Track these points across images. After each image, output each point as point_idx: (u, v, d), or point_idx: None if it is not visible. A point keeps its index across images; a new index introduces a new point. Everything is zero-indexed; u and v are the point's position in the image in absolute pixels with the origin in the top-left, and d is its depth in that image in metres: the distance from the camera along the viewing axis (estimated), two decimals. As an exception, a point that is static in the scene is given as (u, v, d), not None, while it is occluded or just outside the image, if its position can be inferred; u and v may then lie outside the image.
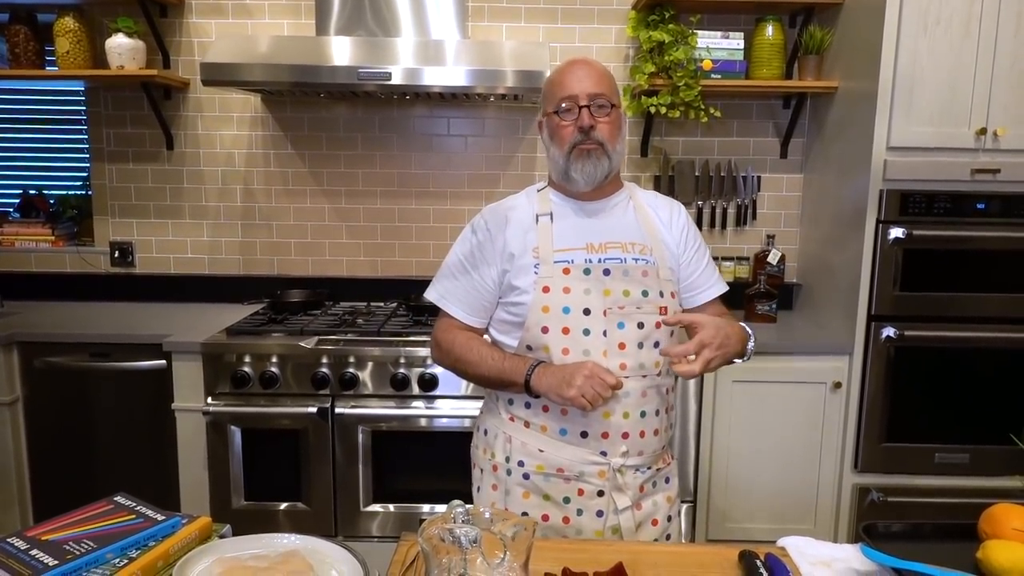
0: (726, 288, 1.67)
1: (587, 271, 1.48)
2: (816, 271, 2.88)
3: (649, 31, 2.64)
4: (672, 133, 2.99)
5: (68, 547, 1.04)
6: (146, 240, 3.06)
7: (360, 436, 2.45)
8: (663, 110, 2.68)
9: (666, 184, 2.99)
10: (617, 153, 1.53)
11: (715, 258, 2.94)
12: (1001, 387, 2.49)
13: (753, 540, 1.23)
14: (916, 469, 2.53)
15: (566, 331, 1.46)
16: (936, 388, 2.49)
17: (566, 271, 1.48)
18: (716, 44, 2.73)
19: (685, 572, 1.16)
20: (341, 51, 2.53)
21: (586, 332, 1.45)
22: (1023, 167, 2.38)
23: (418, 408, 2.44)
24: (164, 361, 2.45)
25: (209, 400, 2.42)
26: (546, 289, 1.47)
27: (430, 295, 1.62)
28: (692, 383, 2.51)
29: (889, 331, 2.46)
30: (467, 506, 0.92)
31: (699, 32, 2.70)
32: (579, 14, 2.91)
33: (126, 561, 1.04)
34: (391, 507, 2.49)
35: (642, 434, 1.48)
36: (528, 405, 1.50)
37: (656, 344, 1.49)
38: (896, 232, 2.41)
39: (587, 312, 1.46)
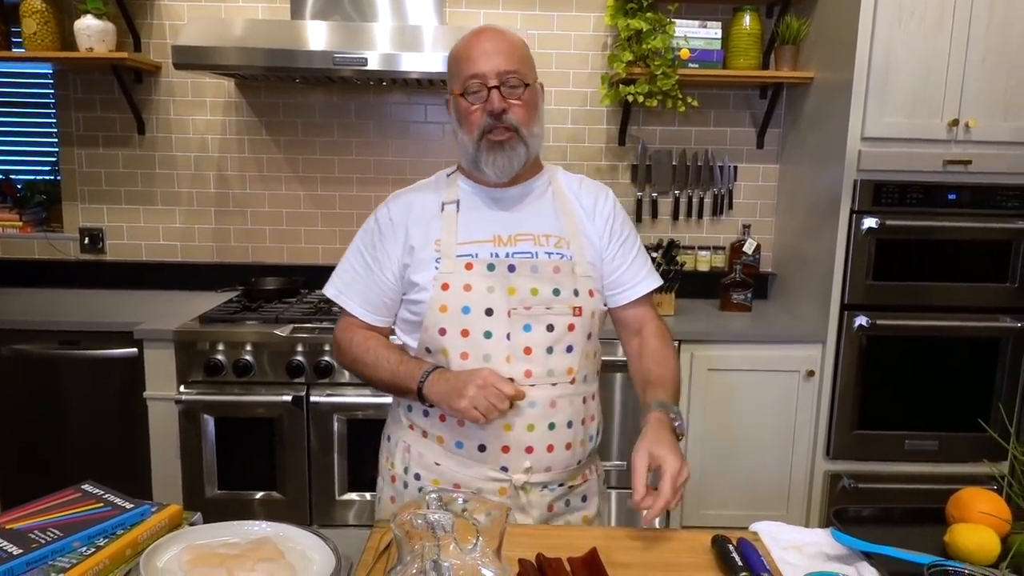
0: (658, 283, 1.50)
1: (491, 267, 1.33)
2: (791, 261, 2.91)
3: (627, 19, 2.64)
4: (649, 122, 2.99)
5: (34, 535, 1.02)
6: (117, 226, 3.01)
7: (335, 425, 2.43)
8: (640, 99, 2.68)
9: (643, 173, 2.99)
10: (535, 137, 1.37)
11: (689, 248, 3.03)
12: (969, 375, 2.53)
13: (727, 526, 1.23)
14: (887, 456, 2.57)
15: (465, 333, 1.32)
16: (906, 376, 2.53)
17: (468, 266, 1.33)
18: (694, 33, 2.73)
19: (658, 557, 1.17)
20: (317, 35, 2.49)
21: (487, 335, 1.31)
22: (994, 159, 2.41)
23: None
24: (135, 349, 2.42)
25: (182, 388, 2.39)
26: (445, 286, 1.33)
27: (328, 291, 1.47)
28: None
29: (861, 320, 2.49)
30: (440, 492, 0.92)
31: (677, 21, 2.70)
32: (557, 1, 2.90)
33: (93, 550, 1.02)
34: (367, 495, 2.48)
35: (550, 448, 1.33)
36: (426, 414, 1.38)
37: (569, 348, 1.34)
38: (869, 222, 2.44)
39: (489, 312, 1.31)
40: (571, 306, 1.34)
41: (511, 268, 1.34)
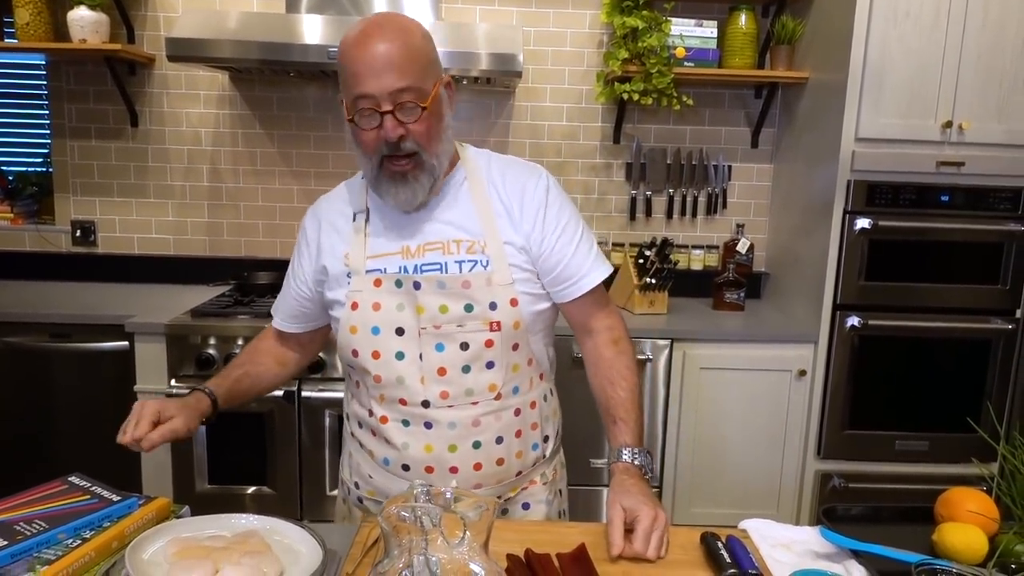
0: (604, 275, 1.34)
1: (399, 283, 1.24)
2: (784, 260, 2.91)
3: (623, 17, 2.64)
4: (644, 120, 2.99)
5: (19, 527, 1.02)
6: (109, 219, 2.99)
7: (326, 420, 2.43)
8: (636, 97, 2.68)
9: (637, 171, 2.99)
10: (440, 156, 1.24)
11: (683, 246, 3.03)
12: (960, 377, 2.54)
13: (717, 524, 1.23)
14: (877, 456, 2.58)
15: (376, 355, 1.25)
16: (898, 377, 2.54)
17: (377, 283, 1.25)
18: (690, 32, 2.73)
19: (647, 554, 1.17)
20: (312, 29, 2.48)
21: (399, 356, 1.25)
22: (986, 160, 2.42)
23: (386, 392, 2.42)
24: (127, 342, 2.41)
25: (173, 383, 2.38)
26: (355, 305, 1.26)
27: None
28: (660, 371, 2.53)
29: (853, 320, 2.49)
30: (428, 486, 0.91)
31: (673, 19, 2.70)
32: (554, -2, 2.90)
33: (79, 542, 1.02)
34: (358, 491, 2.48)
35: (477, 467, 1.28)
36: (360, 425, 1.34)
37: (490, 364, 1.26)
38: (862, 223, 2.44)
39: (400, 332, 1.24)
40: (487, 321, 1.24)
41: (416, 285, 1.24)
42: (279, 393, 2.37)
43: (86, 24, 2.60)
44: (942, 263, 2.48)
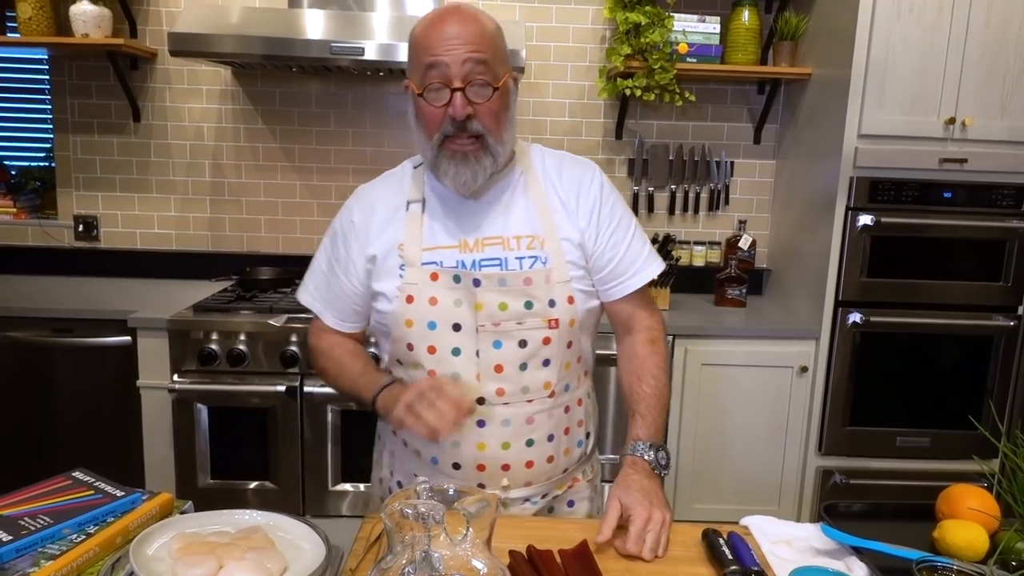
0: (654, 273, 1.34)
1: (457, 278, 1.22)
2: (786, 256, 2.91)
3: (626, 12, 2.63)
4: (647, 116, 2.99)
5: (23, 522, 1.02)
6: (111, 214, 3.00)
7: (329, 415, 2.43)
8: (638, 92, 2.68)
9: (640, 167, 2.99)
10: (504, 143, 1.22)
11: (685, 243, 3.02)
12: (962, 373, 2.54)
13: (719, 520, 1.24)
14: (878, 452, 2.58)
15: (432, 350, 1.24)
16: (899, 373, 2.54)
17: (434, 277, 1.22)
18: (692, 28, 2.72)
19: (649, 550, 1.17)
20: (314, 24, 2.48)
21: (456, 352, 1.23)
22: (989, 157, 2.42)
23: (388, 387, 2.42)
24: (129, 337, 2.41)
25: (175, 377, 2.39)
26: (410, 299, 1.23)
27: (301, 298, 1.41)
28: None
29: (855, 316, 2.49)
30: (431, 482, 0.92)
31: (676, 15, 2.69)
32: (556, -7, 2.89)
33: (83, 537, 1.02)
34: (360, 486, 2.48)
35: (529, 464, 1.28)
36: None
37: (546, 362, 1.25)
38: (865, 219, 2.44)
39: (457, 328, 1.22)
40: (546, 319, 1.24)
41: (476, 282, 1.22)
42: (281, 388, 2.38)
43: (88, 19, 2.60)
44: (944, 260, 2.48)
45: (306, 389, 2.40)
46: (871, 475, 2.59)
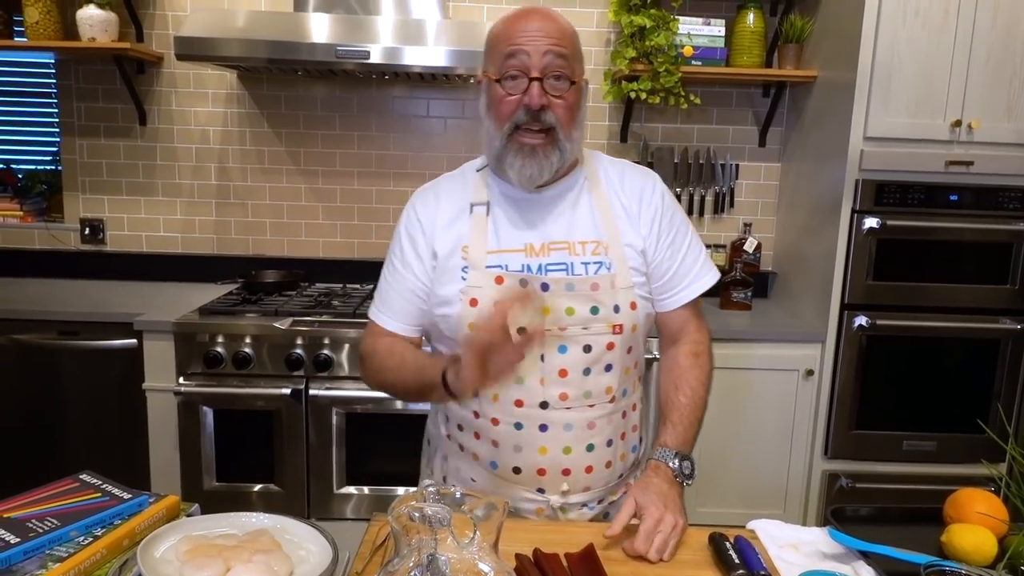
0: (707, 284, 1.37)
1: (523, 282, 1.22)
2: (792, 260, 2.90)
3: (631, 15, 2.63)
4: (652, 119, 2.99)
5: (31, 524, 1.02)
6: (117, 217, 3.01)
7: (334, 418, 2.43)
8: (643, 95, 2.68)
9: (645, 170, 2.99)
10: (572, 141, 1.23)
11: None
12: (968, 377, 2.53)
13: (724, 524, 1.23)
14: (885, 456, 2.57)
15: None
16: (905, 377, 2.53)
17: (499, 280, 1.22)
18: (697, 30, 2.72)
19: (655, 554, 1.17)
20: (320, 28, 2.49)
21: None
22: (996, 160, 2.41)
23: (393, 390, 2.42)
24: (135, 340, 2.42)
25: (181, 380, 2.39)
26: (474, 302, 1.22)
27: (371, 315, 1.37)
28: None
29: (861, 320, 2.48)
30: (438, 486, 0.91)
31: (681, 18, 2.69)
32: (561, -3, 2.89)
33: (91, 539, 1.02)
34: (365, 489, 2.48)
35: (588, 469, 1.28)
36: (461, 428, 1.31)
37: (608, 367, 1.26)
38: (871, 222, 2.44)
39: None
40: (611, 324, 1.24)
41: (544, 287, 1.22)
42: (287, 391, 2.38)
43: (95, 23, 2.61)
44: (950, 263, 2.47)
45: (311, 392, 2.40)
46: (877, 479, 2.58)
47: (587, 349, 1.24)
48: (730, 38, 2.78)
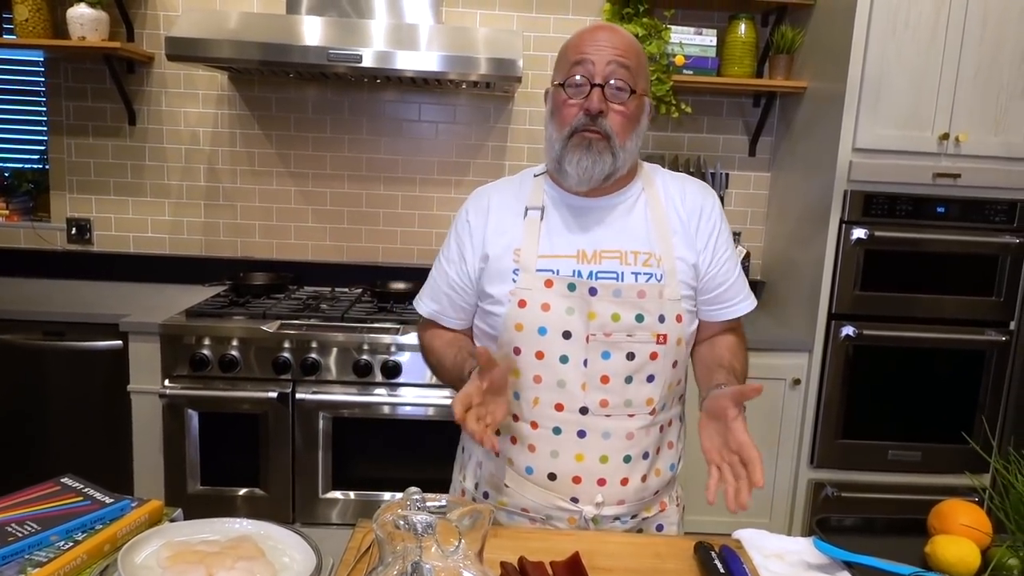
0: (753, 305, 1.40)
1: (572, 286, 1.24)
2: (780, 269, 2.92)
3: (623, 24, 2.64)
4: (643, 127, 2.99)
5: (11, 529, 1.01)
6: (105, 217, 2.99)
7: (321, 422, 2.42)
8: (635, 104, 2.68)
9: (636, 178, 3.00)
10: (627, 152, 1.26)
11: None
12: (953, 388, 2.55)
13: (710, 533, 1.24)
14: (870, 466, 2.58)
15: (540, 356, 1.25)
16: (891, 387, 2.54)
17: (548, 284, 1.25)
18: (689, 40, 2.74)
19: (641, 563, 1.17)
20: (312, 31, 2.48)
21: (563, 359, 1.24)
22: (983, 173, 2.43)
23: (380, 395, 2.42)
24: (120, 342, 2.40)
25: (166, 383, 2.37)
26: (522, 303, 1.25)
27: (418, 307, 1.43)
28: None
29: (848, 330, 2.50)
30: (423, 493, 0.91)
31: (672, 27, 2.71)
32: (554, 4, 2.90)
33: (71, 544, 1.01)
34: (351, 494, 2.47)
35: (624, 481, 1.27)
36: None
37: (650, 378, 1.26)
38: (859, 232, 2.45)
39: (567, 336, 1.24)
40: (655, 333, 1.25)
41: (592, 291, 1.24)
42: (273, 394, 2.37)
43: (85, 22, 2.60)
44: (937, 274, 2.49)
45: (298, 396, 2.39)
46: (862, 488, 2.59)
47: (630, 357, 1.25)
48: (721, 48, 2.79)
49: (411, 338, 2.39)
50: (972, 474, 2.32)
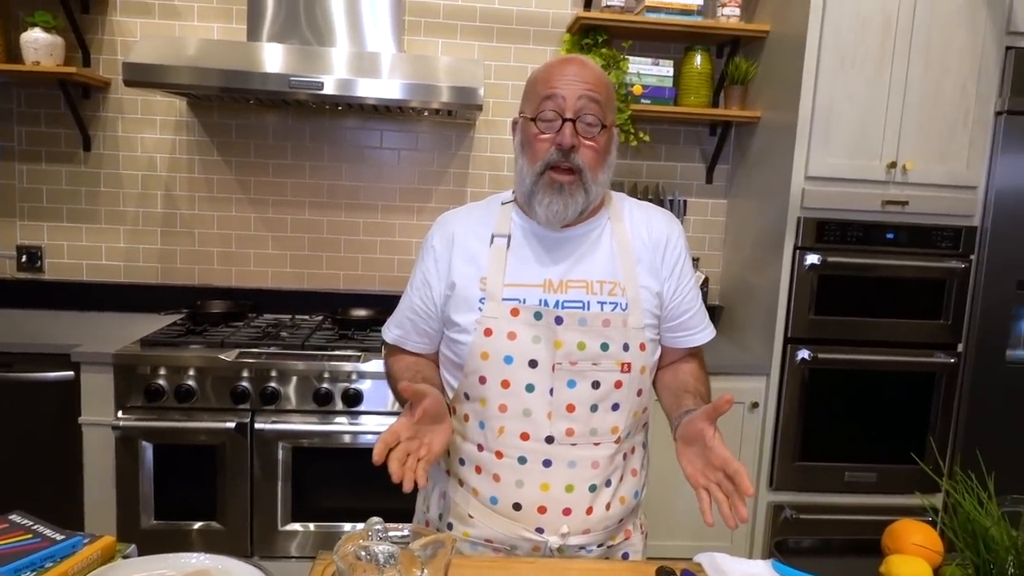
0: (713, 335, 1.44)
1: (538, 315, 1.25)
2: (738, 294, 2.97)
3: (582, 54, 2.69)
4: (603, 155, 3.04)
5: (-46, 569, 0.98)
6: (57, 245, 2.92)
7: (280, 452, 2.38)
8: (594, 132, 2.73)
9: (596, 205, 3.04)
10: (599, 184, 1.28)
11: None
12: (906, 409, 2.61)
13: (672, 557, 1.24)
14: (827, 487, 2.63)
15: (506, 384, 1.25)
16: (846, 409, 2.60)
17: (515, 312, 1.25)
18: (647, 70, 2.80)
19: (604, 589, 1.17)
20: (273, 58, 2.48)
21: (529, 388, 1.25)
22: (929, 200, 2.52)
23: (341, 424, 2.39)
24: (72, 372, 2.33)
25: (120, 414, 2.31)
26: (488, 332, 1.25)
27: (384, 335, 1.43)
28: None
29: (804, 353, 2.55)
30: (385, 523, 0.90)
31: (631, 58, 2.77)
32: (515, 33, 2.94)
33: (19, 583, 0.98)
34: (311, 526, 2.43)
35: (589, 510, 1.27)
36: (462, 462, 1.31)
37: (615, 407, 1.28)
38: (812, 258, 2.51)
39: (533, 364, 1.24)
40: (620, 362, 1.27)
41: (558, 320, 1.25)
42: (231, 424, 2.32)
43: (40, 46, 2.56)
44: (888, 298, 2.56)
45: (257, 426, 2.34)
46: (820, 510, 2.63)
47: (596, 385, 1.26)
48: (678, 78, 2.86)
49: (372, 365, 2.38)
50: (924, 495, 2.37)
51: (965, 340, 2.61)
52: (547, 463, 1.26)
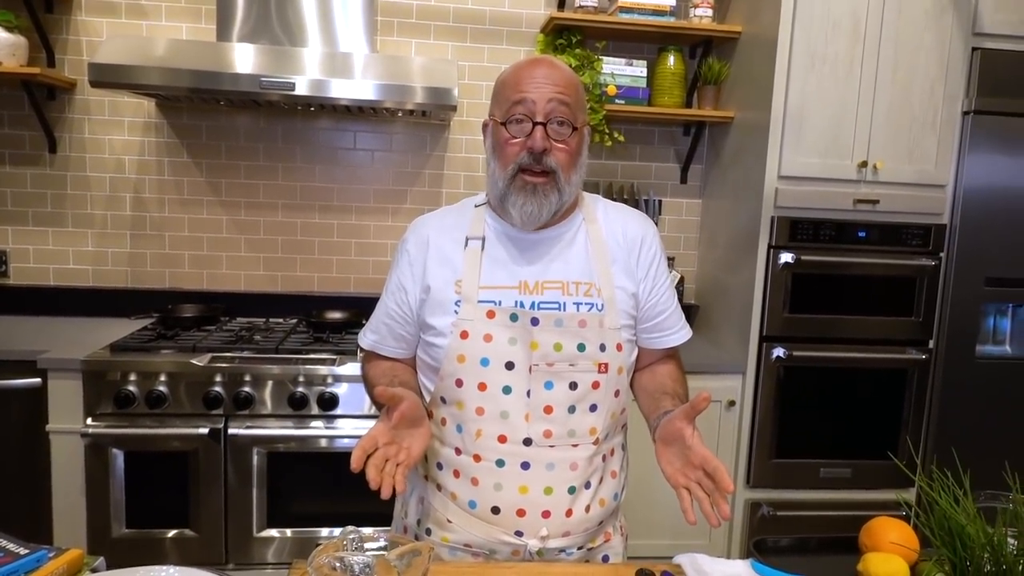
0: (689, 335, 1.45)
1: (514, 316, 1.24)
2: (713, 293, 2.99)
3: (556, 54, 2.69)
4: (578, 155, 3.04)
5: (-87, 587, 0.94)
6: (22, 249, 2.85)
7: (255, 458, 2.34)
8: (569, 132, 2.72)
9: (571, 205, 3.04)
10: (572, 185, 1.28)
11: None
12: (879, 405, 2.64)
13: (652, 557, 1.24)
14: (803, 484, 2.65)
15: (483, 387, 1.25)
16: (821, 406, 2.62)
17: (490, 314, 1.25)
18: (620, 71, 2.80)
19: (583, 592, 1.16)
20: (244, 58, 2.44)
21: (506, 390, 1.24)
22: (899, 199, 2.55)
23: (317, 428, 2.36)
24: (39, 379, 2.28)
25: (89, 421, 2.27)
26: (464, 334, 1.25)
27: (360, 341, 1.43)
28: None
29: (779, 351, 2.57)
30: (361, 532, 0.89)
31: (604, 58, 2.77)
32: (488, 34, 2.93)
33: (-19, 600, 0.95)
34: (287, 532, 2.40)
35: (568, 513, 1.26)
36: (440, 466, 1.30)
37: (593, 407, 1.27)
38: (786, 257, 2.53)
39: (510, 366, 1.24)
40: (597, 362, 1.27)
41: (534, 321, 1.24)
42: (204, 430, 2.29)
43: (2, 47, 2.50)
44: (860, 296, 2.59)
45: (231, 431, 2.31)
46: (796, 506, 2.65)
47: (573, 386, 1.26)
48: (652, 79, 2.87)
49: (347, 369, 2.35)
50: (898, 490, 2.40)
51: (936, 336, 2.64)
52: (525, 465, 1.25)
